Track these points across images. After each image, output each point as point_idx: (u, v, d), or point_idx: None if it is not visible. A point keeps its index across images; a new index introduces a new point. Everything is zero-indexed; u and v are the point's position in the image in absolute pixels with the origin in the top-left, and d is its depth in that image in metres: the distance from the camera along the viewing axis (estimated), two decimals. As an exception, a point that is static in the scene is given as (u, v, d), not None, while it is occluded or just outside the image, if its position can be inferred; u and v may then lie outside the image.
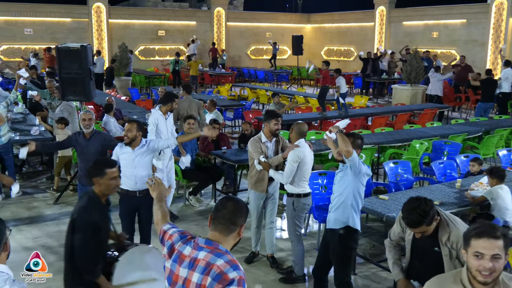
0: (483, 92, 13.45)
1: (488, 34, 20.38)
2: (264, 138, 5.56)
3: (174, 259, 2.57)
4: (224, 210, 2.55)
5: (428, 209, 3.18)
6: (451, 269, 3.20)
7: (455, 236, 3.19)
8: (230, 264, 2.42)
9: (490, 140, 9.47)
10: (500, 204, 5.31)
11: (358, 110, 12.91)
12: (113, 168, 3.75)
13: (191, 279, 2.45)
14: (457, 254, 3.20)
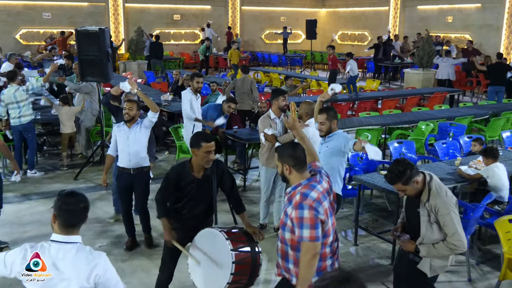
0: (493, 76, 13.53)
1: (502, 18, 20.28)
2: (273, 115, 5.89)
3: (324, 197, 3.24)
4: (302, 154, 3.27)
5: (403, 169, 3.47)
6: (427, 230, 3.51)
7: (433, 201, 3.47)
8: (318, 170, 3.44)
9: (496, 122, 9.64)
10: (496, 181, 5.56)
11: (368, 93, 13.12)
12: (208, 142, 3.90)
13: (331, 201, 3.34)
14: (436, 219, 3.48)
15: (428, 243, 3.53)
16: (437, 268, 3.59)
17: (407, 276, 3.74)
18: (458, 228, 3.46)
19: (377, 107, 12.14)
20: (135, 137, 5.57)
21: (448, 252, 3.51)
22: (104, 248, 5.75)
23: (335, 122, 4.94)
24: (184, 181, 3.99)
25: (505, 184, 5.58)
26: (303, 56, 24.35)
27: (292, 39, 27.04)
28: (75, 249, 2.64)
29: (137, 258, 5.57)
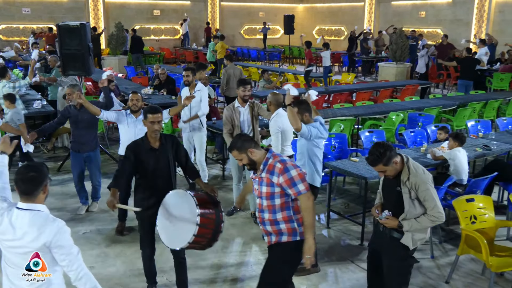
0: (461, 69, 13.93)
1: (472, 13, 20.81)
2: (237, 104, 6.22)
3: None
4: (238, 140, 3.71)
5: (382, 151, 3.72)
6: (410, 206, 3.78)
7: (413, 179, 3.73)
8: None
9: (463, 112, 10.02)
10: (457, 164, 5.90)
11: (343, 86, 13.41)
12: (153, 114, 4.31)
13: None
14: (416, 195, 3.76)
15: (411, 218, 3.78)
16: (417, 240, 3.86)
17: (389, 252, 3.97)
18: (437, 202, 3.73)
19: (351, 99, 12.44)
20: (143, 127, 5.74)
21: (430, 224, 3.78)
22: (88, 234, 5.94)
23: (307, 115, 5.06)
24: (144, 154, 4.30)
25: (465, 167, 5.92)
26: (281, 51, 24.59)
27: (270, 34, 27.23)
28: (32, 214, 2.83)
29: (120, 243, 5.76)
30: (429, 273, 5.15)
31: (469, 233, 4.70)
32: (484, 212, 4.98)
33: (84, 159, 6.38)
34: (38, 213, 2.85)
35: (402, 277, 3.94)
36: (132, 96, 5.94)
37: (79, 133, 6.31)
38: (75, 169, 6.44)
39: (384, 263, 3.98)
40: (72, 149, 6.47)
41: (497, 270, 4.53)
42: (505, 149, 7.09)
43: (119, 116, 5.96)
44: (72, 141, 6.49)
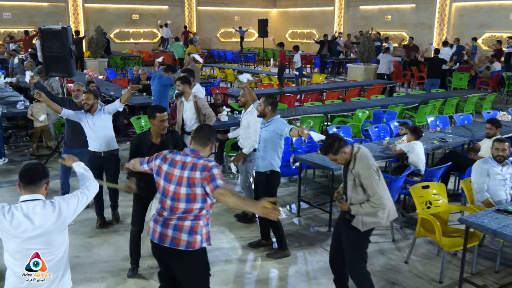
0: (429, 69, 14.36)
1: (434, 17, 21.39)
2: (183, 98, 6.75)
3: (169, 163, 3.45)
4: (202, 131, 3.53)
5: (331, 141, 3.98)
6: (353, 192, 4.01)
7: (357, 167, 3.96)
8: (208, 161, 3.40)
9: (424, 109, 10.39)
10: (414, 155, 6.20)
11: (314, 86, 13.70)
12: (161, 113, 4.61)
13: (183, 176, 3.35)
14: (360, 182, 3.99)
15: (356, 203, 4.01)
16: (369, 223, 4.07)
17: (345, 232, 4.22)
18: (378, 190, 3.92)
19: (322, 98, 12.72)
20: (101, 123, 5.85)
21: (371, 210, 3.97)
22: (73, 226, 6.02)
23: (269, 108, 5.21)
24: (145, 147, 4.54)
25: (422, 158, 6.23)
26: (256, 53, 24.81)
27: (245, 37, 27.38)
28: (42, 203, 2.99)
29: (104, 233, 5.89)
30: (390, 255, 5.42)
31: (424, 217, 4.99)
32: (438, 198, 5.28)
33: (76, 155, 6.39)
34: (43, 202, 3.01)
35: (358, 254, 4.17)
36: (83, 96, 5.94)
37: (73, 129, 6.30)
38: (62, 164, 6.45)
39: (343, 241, 4.23)
40: (66, 144, 6.50)
41: (449, 249, 4.82)
42: (460, 142, 7.44)
43: (79, 114, 5.94)
44: (66, 137, 6.51)
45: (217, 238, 5.76)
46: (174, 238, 3.38)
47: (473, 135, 7.69)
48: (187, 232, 3.37)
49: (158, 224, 3.47)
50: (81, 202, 3.19)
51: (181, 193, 3.34)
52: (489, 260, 5.27)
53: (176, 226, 3.38)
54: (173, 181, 3.39)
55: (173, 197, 3.38)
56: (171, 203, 3.40)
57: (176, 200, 3.36)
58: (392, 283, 4.82)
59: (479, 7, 20.21)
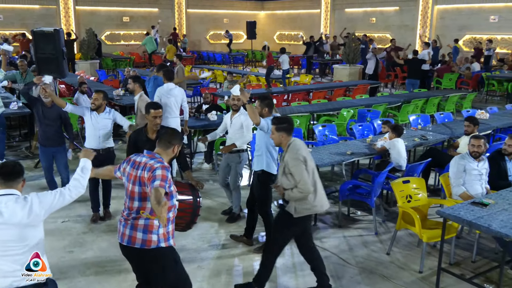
0: (408, 70, 14.57)
1: (417, 20, 21.66)
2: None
3: (131, 165, 3.55)
4: (165, 134, 3.61)
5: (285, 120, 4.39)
6: (283, 178, 4.26)
7: (287, 157, 4.21)
8: (157, 162, 3.44)
9: (406, 108, 10.57)
10: (396, 152, 6.34)
11: (301, 86, 13.84)
12: (155, 109, 4.77)
13: (136, 175, 3.46)
14: (289, 170, 4.21)
15: (287, 188, 4.25)
16: (301, 209, 4.25)
17: (279, 215, 4.49)
18: (304, 177, 4.14)
19: (308, 98, 12.85)
20: (104, 122, 5.97)
21: (299, 195, 4.17)
22: (67, 223, 6.09)
23: (266, 109, 5.35)
24: (141, 141, 4.66)
25: (403, 155, 6.37)
26: (244, 54, 24.91)
27: (234, 39, 27.47)
28: (15, 197, 3.05)
29: (97, 229, 5.95)
30: (372, 247, 5.54)
31: (405, 210, 5.12)
32: (418, 192, 5.43)
33: (52, 154, 6.51)
34: (16, 196, 3.07)
35: (278, 235, 4.43)
36: (93, 95, 6.08)
37: (44, 129, 6.40)
38: (43, 162, 6.60)
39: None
40: (40, 143, 6.56)
41: (428, 240, 4.95)
42: (440, 139, 7.61)
43: (83, 110, 6.10)
44: (39, 136, 6.57)
45: (208, 233, 5.85)
46: (130, 236, 3.45)
47: (452, 133, 7.86)
48: (141, 230, 3.43)
49: (121, 224, 3.57)
50: (57, 200, 3.16)
51: (134, 191, 3.45)
52: (467, 251, 5.42)
53: (132, 225, 3.46)
54: (131, 181, 3.50)
55: (129, 195, 3.50)
56: (128, 202, 3.51)
57: (131, 198, 3.47)
58: (374, 273, 4.95)
59: (460, 10, 20.51)
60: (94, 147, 5.93)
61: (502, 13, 19.24)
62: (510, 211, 4.46)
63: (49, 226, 5.94)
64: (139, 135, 4.88)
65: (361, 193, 6.07)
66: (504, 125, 8.68)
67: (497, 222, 4.18)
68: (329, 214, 6.47)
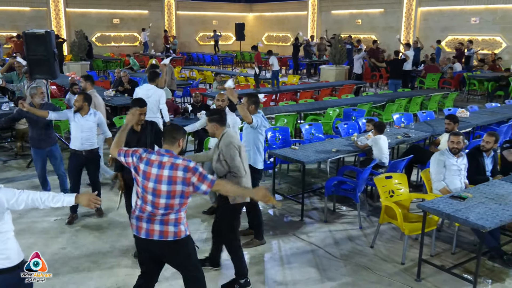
0: (391, 70, 14.76)
1: (401, 21, 21.88)
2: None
3: (145, 163, 3.51)
4: (167, 131, 3.67)
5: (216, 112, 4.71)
6: (217, 163, 4.47)
7: (221, 145, 4.44)
8: (183, 159, 3.49)
9: (390, 107, 10.72)
10: (378, 149, 6.47)
11: (288, 87, 13.94)
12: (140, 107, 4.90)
13: (163, 174, 3.43)
14: (224, 157, 4.42)
15: (221, 175, 4.48)
16: (236, 197, 4.44)
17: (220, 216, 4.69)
18: (236, 161, 4.41)
19: (296, 98, 12.95)
20: (88, 125, 5.99)
21: (233, 179, 4.41)
22: (59, 220, 6.12)
23: (253, 106, 5.48)
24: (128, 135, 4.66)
25: (385, 152, 6.49)
26: (233, 56, 24.97)
27: (223, 40, 27.55)
28: None
29: (89, 227, 5.99)
30: (357, 241, 5.65)
31: (387, 204, 5.23)
32: (400, 187, 5.55)
33: (47, 154, 6.53)
34: None
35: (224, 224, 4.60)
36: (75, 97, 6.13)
37: (38, 131, 6.41)
38: (38, 164, 6.57)
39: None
40: (33, 146, 6.55)
41: (410, 233, 5.07)
42: (422, 136, 7.75)
43: (67, 114, 6.08)
44: (32, 139, 6.55)
45: (197, 229, 5.92)
46: (162, 231, 3.52)
47: (434, 130, 8.01)
48: (172, 224, 3.52)
49: (143, 221, 3.55)
50: (17, 200, 2.99)
51: (162, 190, 3.44)
52: (447, 243, 5.56)
53: (162, 220, 3.51)
54: (152, 179, 3.46)
55: (153, 193, 3.47)
56: (152, 198, 3.50)
57: (157, 196, 3.47)
58: (358, 265, 5.06)
59: (443, 12, 20.77)
60: (77, 148, 6.03)
61: (482, 15, 19.53)
62: (486, 204, 4.59)
63: (41, 225, 6.00)
64: None
65: (346, 189, 6.18)
66: (484, 123, 8.86)
67: (474, 215, 4.31)
68: (316, 210, 6.58)
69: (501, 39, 19.21)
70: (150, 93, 7.26)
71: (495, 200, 4.69)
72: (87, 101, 6.04)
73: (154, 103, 7.27)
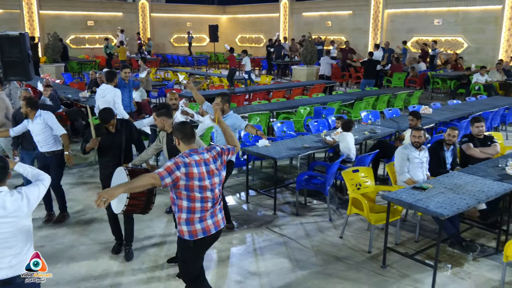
0: (365, 71, 15.04)
1: (369, 23, 22.28)
2: None
3: (196, 165, 3.49)
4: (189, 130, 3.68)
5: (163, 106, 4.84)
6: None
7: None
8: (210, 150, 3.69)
9: (359, 105, 10.96)
10: (345, 145, 6.65)
11: (261, 86, 14.07)
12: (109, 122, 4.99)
13: (212, 169, 3.59)
14: None
15: None
16: None
17: None
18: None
19: (268, 97, 13.09)
20: (38, 127, 5.83)
21: None
22: (36, 220, 6.08)
23: (227, 105, 5.59)
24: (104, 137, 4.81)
25: (351, 147, 6.67)
26: (207, 57, 24.98)
27: (198, 42, 27.51)
28: (10, 193, 3.07)
29: (66, 225, 5.97)
30: (327, 232, 5.81)
31: (355, 196, 5.41)
32: (366, 180, 5.73)
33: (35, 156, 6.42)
34: (8, 192, 3.07)
35: None
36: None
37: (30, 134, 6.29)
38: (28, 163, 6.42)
39: None
40: (24, 148, 6.49)
41: (375, 223, 5.26)
42: (387, 132, 7.98)
43: (24, 123, 5.95)
44: (25, 141, 6.46)
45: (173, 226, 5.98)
46: (223, 218, 3.76)
47: (399, 127, 8.25)
48: (221, 211, 3.76)
49: (209, 218, 3.59)
50: (41, 192, 3.24)
51: (215, 182, 3.61)
52: (411, 232, 5.77)
53: (220, 209, 3.74)
54: (206, 177, 3.52)
55: (212, 188, 3.56)
56: (211, 194, 3.57)
57: (214, 189, 3.60)
58: (328, 255, 5.21)
59: (408, 14, 21.25)
60: (40, 150, 5.96)
61: (445, 16, 20.08)
62: (445, 194, 4.81)
63: (19, 223, 5.94)
64: (100, 129, 5.08)
65: (316, 183, 6.34)
66: (445, 118, 9.16)
67: (434, 204, 4.51)
68: (287, 204, 6.72)
69: (462, 39, 19.80)
70: (106, 92, 7.60)
71: (453, 190, 4.91)
72: (30, 106, 5.80)
73: (110, 101, 7.49)
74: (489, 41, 18.86)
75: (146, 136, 9.06)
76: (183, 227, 3.57)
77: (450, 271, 4.91)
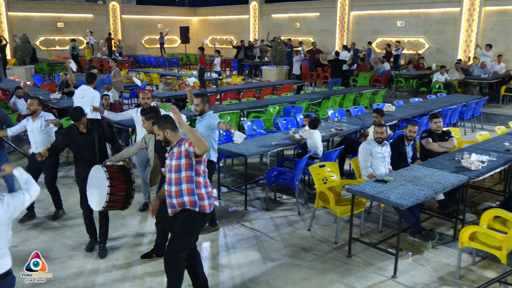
0: (332, 70, 15.30)
1: (335, 25, 22.64)
2: None
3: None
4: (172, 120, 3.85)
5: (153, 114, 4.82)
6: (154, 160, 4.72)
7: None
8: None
9: (326, 104, 11.17)
10: (312, 142, 6.81)
11: (232, 86, 14.15)
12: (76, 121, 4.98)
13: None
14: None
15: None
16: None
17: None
18: None
19: (239, 97, 13.17)
20: (38, 129, 5.87)
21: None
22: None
23: (207, 105, 5.61)
24: (75, 136, 4.91)
25: (318, 144, 6.82)
26: (179, 58, 24.85)
27: (169, 43, 27.30)
28: None
29: (39, 226, 5.92)
30: (296, 225, 5.95)
31: (321, 190, 5.56)
32: (332, 174, 5.89)
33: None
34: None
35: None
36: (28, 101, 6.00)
37: None
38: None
39: None
40: None
41: (341, 215, 5.42)
42: (353, 129, 8.19)
43: (23, 123, 5.97)
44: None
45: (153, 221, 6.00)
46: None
47: (364, 124, 8.48)
48: None
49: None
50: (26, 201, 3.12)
51: None
52: (375, 223, 5.97)
53: None
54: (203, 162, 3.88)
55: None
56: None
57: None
58: (297, 246, 5.34)
59: (372, 16, 21.71)
60: (34, 151, 5.94)
61: (407, 18, 20.60)
62: (405, 186, 5.01)
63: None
64: (70, 130, 5.02)
65: (285, 179, 6.46)
66: (408, 115, 9.45)
67: (395, 195, 4.70)
68: (258, 199, 6.83)
69: (424, 40, 20.36)
70: (85, 93, 7.48)
71: (413, 182, 5.12)
72: (41, 105, 5.93)
73: (88, 102, 7.38)
74: (448, 41, 19.47)
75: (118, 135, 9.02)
76: (205, 201, 3.83)
77: (411, 258, 5.12)
